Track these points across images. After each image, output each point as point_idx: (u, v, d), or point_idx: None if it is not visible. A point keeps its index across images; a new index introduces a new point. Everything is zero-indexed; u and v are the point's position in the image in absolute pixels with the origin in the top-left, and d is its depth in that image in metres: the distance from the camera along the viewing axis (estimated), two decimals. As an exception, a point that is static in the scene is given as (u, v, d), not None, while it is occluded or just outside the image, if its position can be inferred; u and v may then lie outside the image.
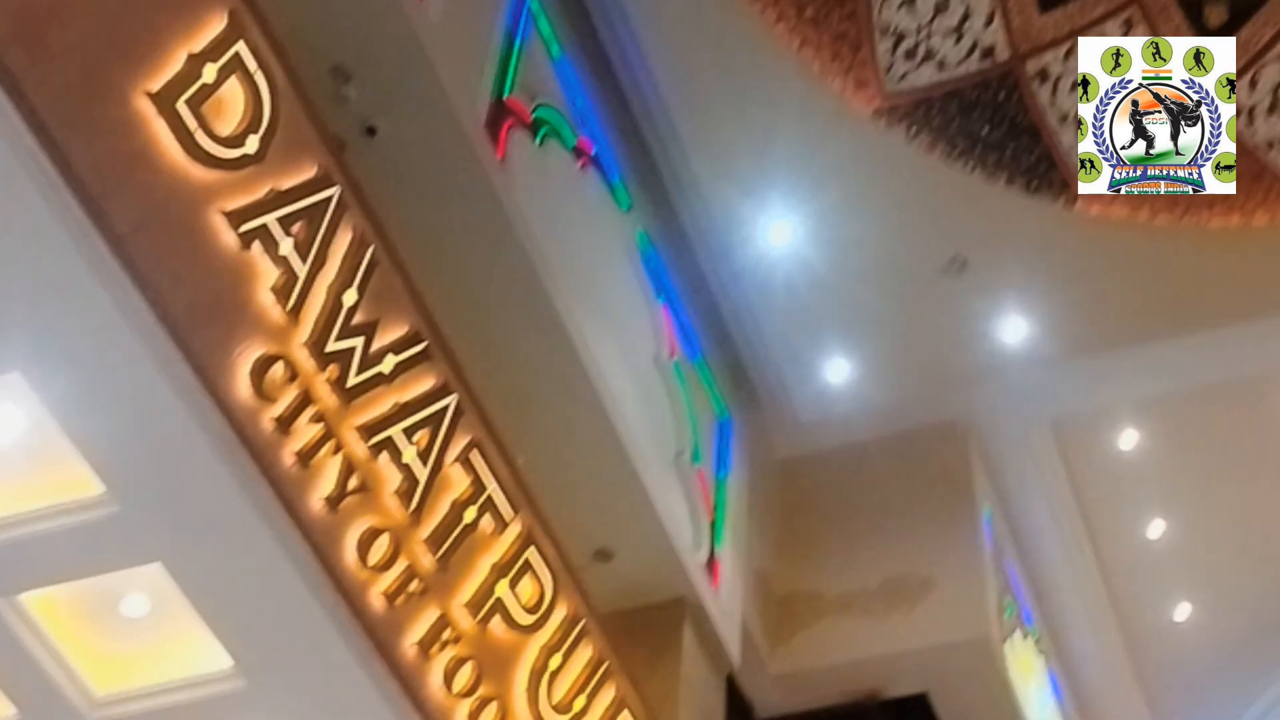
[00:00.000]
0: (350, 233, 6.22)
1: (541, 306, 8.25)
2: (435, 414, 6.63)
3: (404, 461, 6.46)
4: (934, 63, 10.05)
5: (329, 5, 7.14)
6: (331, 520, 6.22)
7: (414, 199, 7.62)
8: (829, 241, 10.44)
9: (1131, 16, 9.93)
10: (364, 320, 6.27)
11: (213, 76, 5.67)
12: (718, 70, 9.92)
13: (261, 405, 5.90)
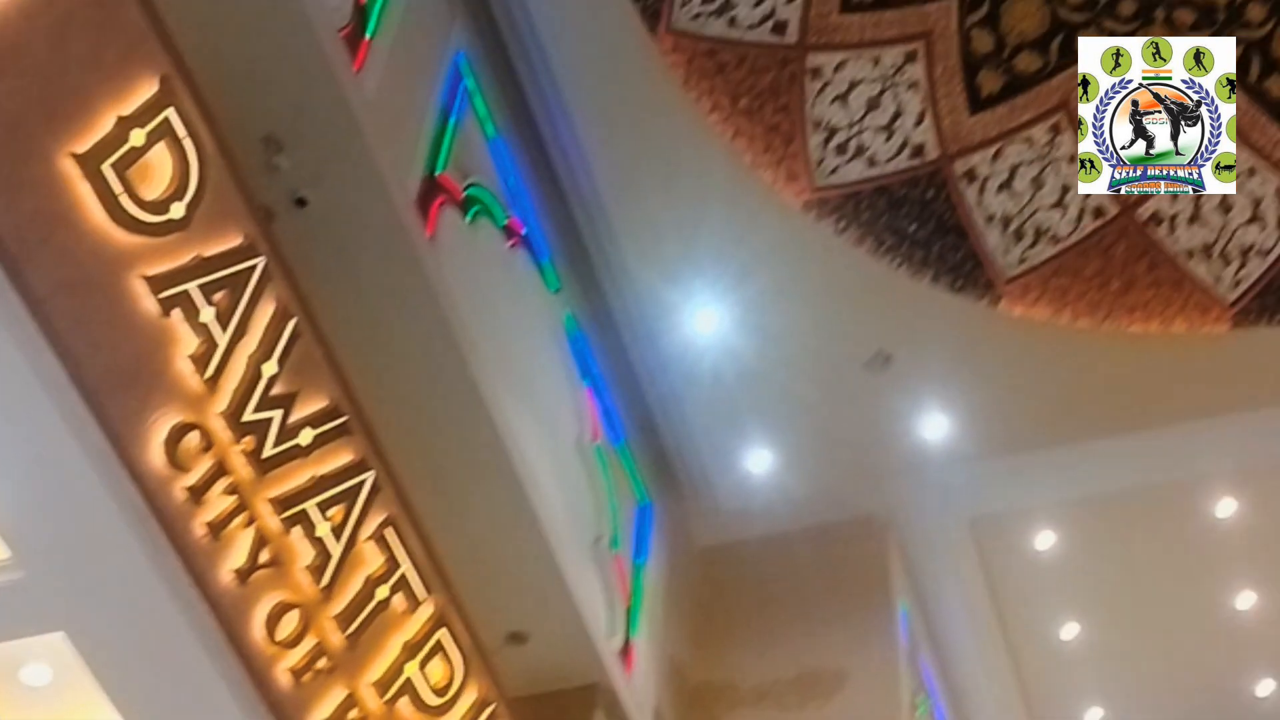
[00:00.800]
0: (273, 303, 6.19)
1: (465, 385, 8.19)
2: (351, 489, 6.57)
3: (317, 536, 6.39)
4: (864, 158, 10.16)
5: (264, 74, 7.11)
6: (241, 593, 6.13)
7: (342, 272, 7.57)
8: (755, 331, 10.47)
9: (1059, 122, 10.07)
10: (283, 392, 6.22)
11: (141, 141, 5.65)
12: (651, 157, 9.98)
13: (174, 474, 5.83)
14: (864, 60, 9.99)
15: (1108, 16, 9.85)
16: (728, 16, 9.81)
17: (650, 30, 9.71)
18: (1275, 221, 10.14)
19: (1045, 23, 9.92)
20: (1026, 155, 10.19)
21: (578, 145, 9.90)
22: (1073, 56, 9.88)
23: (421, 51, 8.65)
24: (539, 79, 9.71)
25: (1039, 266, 10.38)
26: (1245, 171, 10.04)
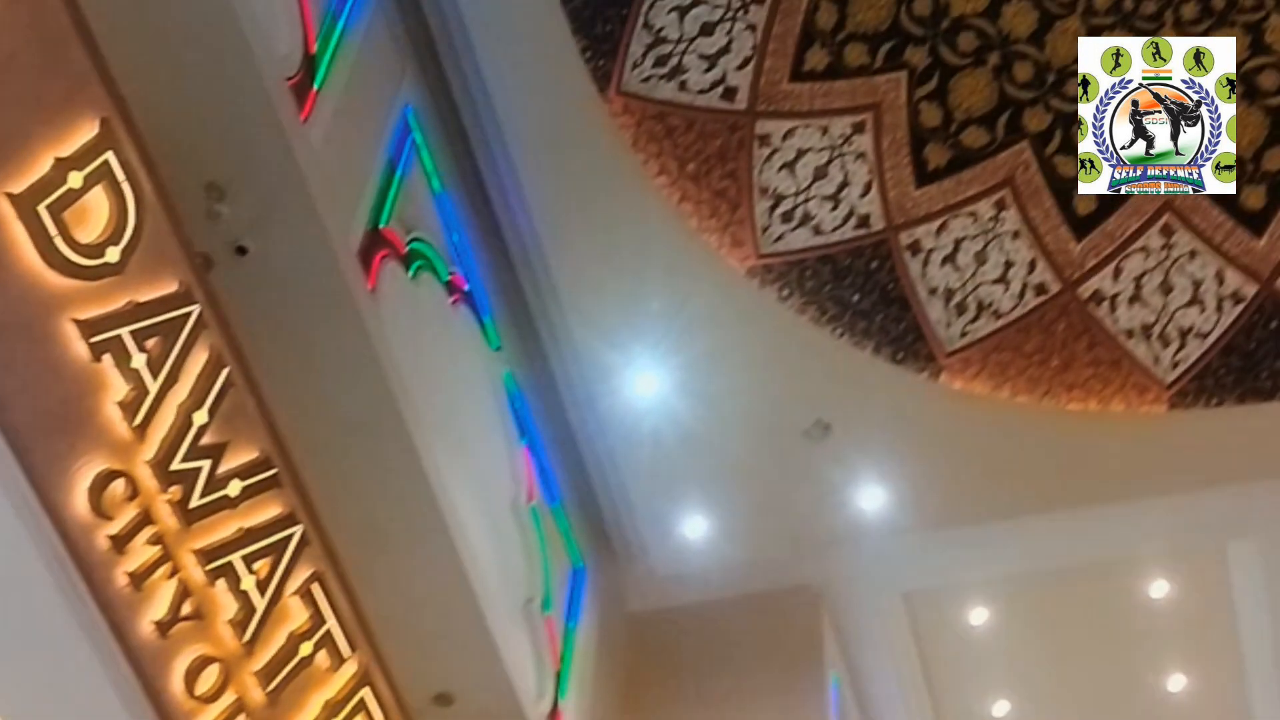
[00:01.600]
0: (206, 352, 6.10)
1: (400, 440, 8.10)
2: (278, 543, 6.47)
3: (242, 589, 6.28)
4: (810, 227, 10.19)
5: (209, 121, 7.04)
6: (161, 646, 6.00)
7: (280, 322, 7.48)
8: (695, 396, 10.45)
9: (1004, 198, 10.13)
10: (213, 442, 6.12)
11: (79, 183, 5.57)
12: (596, 218, 9.99)
13: (97, 522, 5.71)
14: (813, 129, 10.03)
15: (1054, 94, 9.92)
16: (679, 80, 9.84)
17: (601, 91, 9.73)
18: (1215, 305, 10.21)
19: (993, 99, 9.99)
20: (971, 230, 10.24)
21: (524, 203, 9.89)
22: (1020, 133, 9.99)
23: (370, 103, 8.62)
24: (487, 135, 9.70)
25: (980, 341, 10.41)
26: (1187, 254, 10.13)
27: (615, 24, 9.62)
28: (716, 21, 9.74)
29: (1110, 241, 10.15)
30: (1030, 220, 10.16)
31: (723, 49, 9.80)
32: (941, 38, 9.85)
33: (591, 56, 9.65)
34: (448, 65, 9.49)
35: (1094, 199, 10.08)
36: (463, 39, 9.45)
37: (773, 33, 9.78)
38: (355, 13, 8.56)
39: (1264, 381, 10.29)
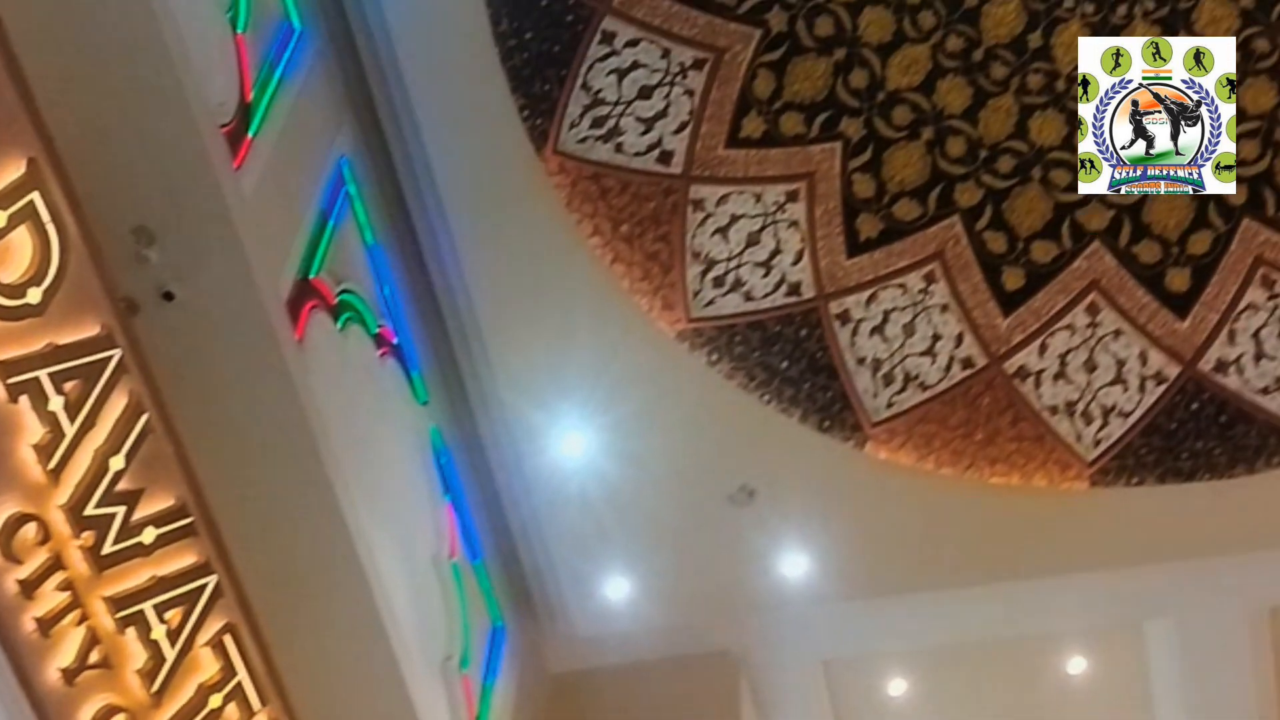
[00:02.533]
0: (126, 397, 6.07)
1: (322, 492, 8.05)
2: (192, 593, 6.42)
3: (152, 639, 6.22)
4: (741, 293, 10.23)
5: (141, 165, 7.02)
6: (67, 694, 5.93)
7: (205, 370, 7.44)
8: (621, 458, 10.46)
9: (934, 271, 10.21)
10: (128, 488, 6.08)
11: (2, 223, 5.53)
12: (528, 276, 10.00)
13: (7, 566, 5.65)
14: (747, 195, 10.08)
15: (986, 170, 10.03)
16: (615, 142, 9.88)
17: (537, 150, 9.76)
18: (1138, 385, 10.31)
19: (926, 173, 10.07)
20: (900, 301, 10.30)
21: (456, 258, 9.90)
22: (951, 208, 10.08)
23: (305, 153, 8.62)
24: (422, 189, 9.72)
25: (906, 412, 10.46)
26: (1111, 333, 10.23)
27: (554, 84, 9.66)
28: (655, 86, 9.80)
29: (1037, 318, 10.24)
30: (959, 294, 10.24)
31: (660, 113, 9.86)
32: (877, 110, 9.93)
33: (529, 115, 9.69)
34: (385, 118, 9.52)
35: (1022, 275, 10.17)
36: (401, 93, 9.48)
37: (710, 99, 9.84)
38: (293, 62, 8.59)
39: (1184, 462, 10.40)
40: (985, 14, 9.73)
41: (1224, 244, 10.00)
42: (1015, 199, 10.08)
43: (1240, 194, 9.84)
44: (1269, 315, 10.06)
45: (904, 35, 9.79)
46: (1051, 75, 9.80)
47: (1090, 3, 9.61)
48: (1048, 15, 9.67)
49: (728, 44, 9.75)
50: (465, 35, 9.49)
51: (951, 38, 9.78)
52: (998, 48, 9.81)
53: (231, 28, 8.01)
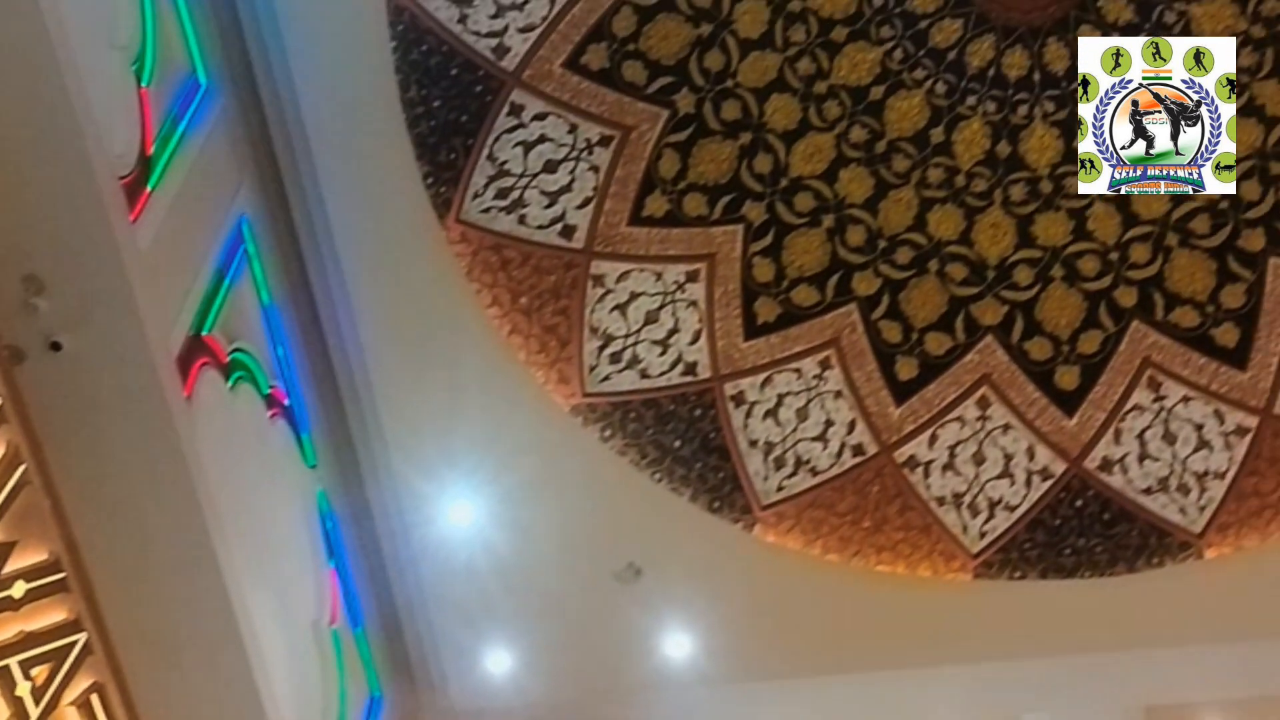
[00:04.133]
0: (3, 447, 5.96)
1: (201, 551, 7.93)
2: (60, 649, 6.31)
3: (16, 695, 6.10)
4: (637, 370, 10.25)
5: (35, 212, 6.95)
6: (-76, 748, 5.80)
7: (88, 423, 7.34)
8: (509, 529, 10.41)
9: (829, 358, 10.29)
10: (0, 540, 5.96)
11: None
12: (425, 344, 9.98)
13: None
14: (647, 273, 10.13)
15: (884, 260, 10.15)
16: (519, 214, 9.91)
17: (440, 218, 9.77)
18: (1024, 479, 10.42)
19: (825, 260, 10.17)
20: (795, 386, 10.36)
21: (353, 322, 9.86)
22: (849, 295, 10.18)
23: (204, 210, 8.57)
24: (322, 252, 9.69)
25: (796, 496, 10.50)
26: (1000, 427, 10.35)
27: (460, 153, 9.69)
28: (560, 160, 9.85)
29: (928, 409, 10.34)
30: (853, 381, 10.32)
31: (564, 187, 9.90)
32: (779, 196, 10.04)
33: (433, 183, 9.70)
34: (288, 179, 9.48)
35: (915, 365, 10.28)
36: (305, 153, 9.46)
37: (615, 176, 9.91)
38: (198, 118, 8.56)
39: (1066, 558, 10.51)
40: (890, 107, 9.89)
41: (1113, 344, 10.17)
42: (912, 290, 10.20)
43: (1130, 296, 10.04)
44: (1154, 417, 10.21)
45: (809, 124, 9.92)
46: (952, 170, 9.97)
47: (991, 102, 9.79)
48: (950, 112, 9.85)
49: (635, 123, 9.83)
50: (373, 100, 9.50)
51: (856, 128, 9.92)
52: (900, 141, 9.96)
53: (136, 80, 7.97)
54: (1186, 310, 10.06)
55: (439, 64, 9.52)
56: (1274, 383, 10.05)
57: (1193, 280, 10.01)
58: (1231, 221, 9.88)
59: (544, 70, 9.65)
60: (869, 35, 9.75)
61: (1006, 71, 9.76)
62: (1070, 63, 9.66)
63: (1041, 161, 9.94)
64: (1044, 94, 9.79)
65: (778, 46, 9.78)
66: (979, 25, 9.71)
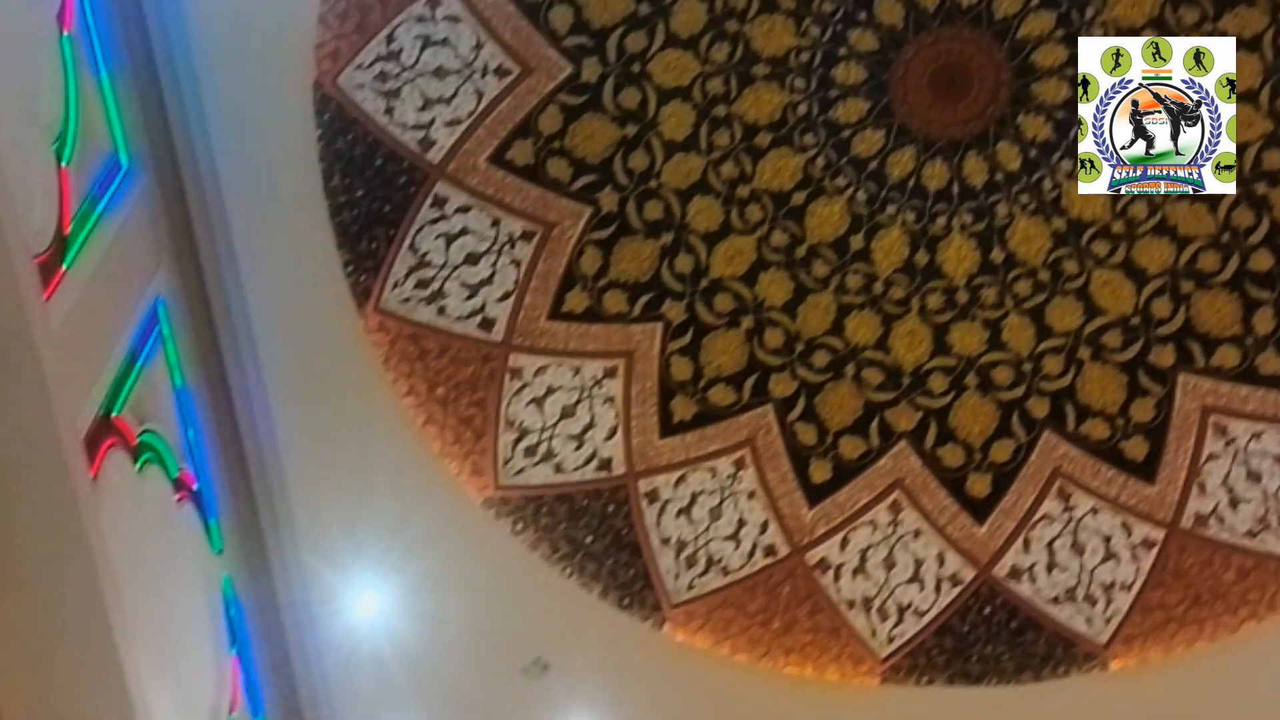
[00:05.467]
0: (-101, 525, 5.86)
1: (100, 634, 7.79)
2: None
3: (-101, 782, 5.96)
4: (552, 464, 10.25)
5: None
6: None
7: (-10, 500, 7.26)
8: (416, 621, 10.32)
9: (744, 458, 10.33)
10: (-111, 621, 5.85)
11: None
12: (338, 432, 9.94)
13: None
14: (565, 368, 10.16)
15: (801, 363, 10.22)
16: (438, 305, 9.93)
17: (358, 306, 9.78)
18: (934, 585, 10.46)
19: (743, 361, 10.24)
20: (709, 485, 10.39)
21: (266, 408, 9.81)
22: (765, 397, 10.24)
23: (119, 290, 8.51)
24: (238, 336, 9.63)
25: (706, 596, 10.49)
26: (911, 533, 10.40)
27: (381, 242, 9.72)
28: (482, 253, 9.89)
29: (841, 512, 10.38)
30: (767, 482, 10.36)
31: (485, 280, 9.94)
32: (699, 296, 10.12)
33: (353, 271, 9.72)
34: (206, 261, 9.44)
35: (829, 468, 10.33)
36: (225, 237, 9.45)
37: (536, 270, 9.96)
38: (117, 198, 8.53)
39: (973, 665, 10.53)
40: (810, 213, 10.01)
41: (1025, 454, 10.27)
42: (828, 394, 10.28)
43: (1043, 407, 10.15)
44: (1063, 527, 10.30)
45: (731, 226, 10.03)
46: (870, 277, 10.09)
47: (911, 211, 9.93)
48: (869, 220, 9.99)
49: (558, 219, 9.90)
50: (296, 187, 9.53)
51: (776, 232, 10.03)
52: (820, 246, 10.08)
53: (56, 159, 7.94)
54: (1097, 422, 10.18)
55: (364, 154, 9.59)
56: (1181, 497, 10.16)
57: (1104, 393, 10.14)
58: (1143, 337, 10.03)
59: (469, 164, 9.73)
60: (792, 142, 9.90)
61: (926, 183, 9.93)
62: (989, 176, 9.85)
63: (958, 272, 10.08)
64: (962, 205, 9.96)
65: (702, 149, 9.91)
66: (900, 137, 9.88)
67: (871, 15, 9.71)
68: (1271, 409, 9.96)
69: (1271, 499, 10.07)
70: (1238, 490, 10.12)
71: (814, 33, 9.73)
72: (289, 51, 9.40)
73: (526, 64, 9.65)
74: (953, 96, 9.79)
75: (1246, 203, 9.73)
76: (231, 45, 9.24)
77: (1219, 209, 9.77)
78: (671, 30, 9.72)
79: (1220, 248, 9.85)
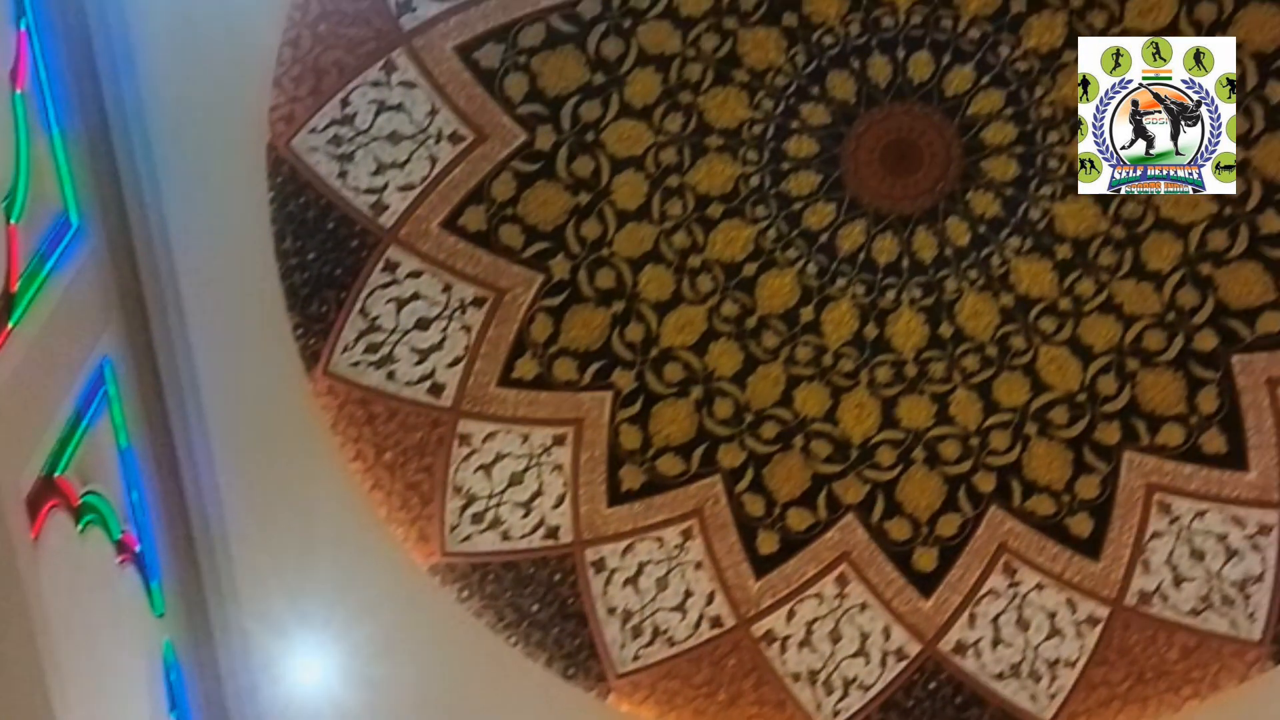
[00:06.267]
0: None
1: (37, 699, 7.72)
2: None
3: None
4: (499, 531, 10.21)
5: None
6: None
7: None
8: (359, 687, 10.22)
9: (691, 528, 10.31)
10: None
11: None
12: (284, 495, 9.88)
13: None
14: (514, 435, 10.14)
15: (750, 434, 10.24)
16: (388, 369, 9.92)
17: (307, 369, 9.75)
18: (879, 659, 10.44)
19: (692, 431, 10.25)
20: (656, 555, 10.37)
21: (211, 471, 9.75)
22: (713, 467, 10.24)
23: (65, 349, 8.46)
24: (185, 398, 9.59)
25: (652, 666, 10.44)
26: (858, 606, 10.39)
27: (331, 306, 9.71)
28: (433, 318, 9.89)
29: (787, 584, 10.37)
30: (714, 553, 10.34)
31: (436, 345, 9.93)
32: (649, 365, 10.13)
33: (303, 334, 9.70)
34: (155, 323, 9.40)
35: (776, 540, 10.33)
36: (174, 298, 9.43)
37: (487, 336, 9.96)
38: (66, 257, 8.50)
39: (917, 740, 10.54)
40: (761, 284, 10.06)
41: (971, 529, 10.28)
42: (776, 465, 10.29)
43: (989, 482, 10.19)
44: (1008, 603, 10.31)
45: (682, 296, 10.06)
46: (820, 349, 10.13)
47: (861, 285, 10.00)
48: (820, 293, 10.04)
49: (509, 285, 9.91)
50: (247, 249, 9.52)
51: (727, 303, 10.07)
52: (771, 317, 10.12)
53: (5, 216, 7.90)
54: (1043, 498, 10.21)
55: (316, 217, 9.58)
56: (1125, 574, 10.20)
57: (1050, 469, 10.19)
58: (1089, 414, 10.10)
59: (421, 229, 9.74)
60: (744, 214, 9.96)
61: (876, 256, 10.00)
62: (938, 251, 9.93)
63: (907, 345, 10.14)
64: (912, 280, 10.02)
65: (654, 219, 9.96)
66: (851, 210, 9.95)
67: (824, 90, 9.80)
68: (1214, 488, 10.01)
69: (1214, 578, 10.11)
70: (1181, 569, 10.16)
71: (767, 105, 9.81)
72: (243, 113, 9.42)
73: (481, 130, 9.69)
74: (903, 171, 9.88)
75: (1191, 283, 9.84)
76: (185, 106, 9.26)
77: (1164, 288, 9.87)
78: (626, 100, 9.79)
79: (1165, 327, 9.94)
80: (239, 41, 9.29)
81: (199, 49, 9.20)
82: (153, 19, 9.13)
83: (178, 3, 9.12)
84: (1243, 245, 9.74)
